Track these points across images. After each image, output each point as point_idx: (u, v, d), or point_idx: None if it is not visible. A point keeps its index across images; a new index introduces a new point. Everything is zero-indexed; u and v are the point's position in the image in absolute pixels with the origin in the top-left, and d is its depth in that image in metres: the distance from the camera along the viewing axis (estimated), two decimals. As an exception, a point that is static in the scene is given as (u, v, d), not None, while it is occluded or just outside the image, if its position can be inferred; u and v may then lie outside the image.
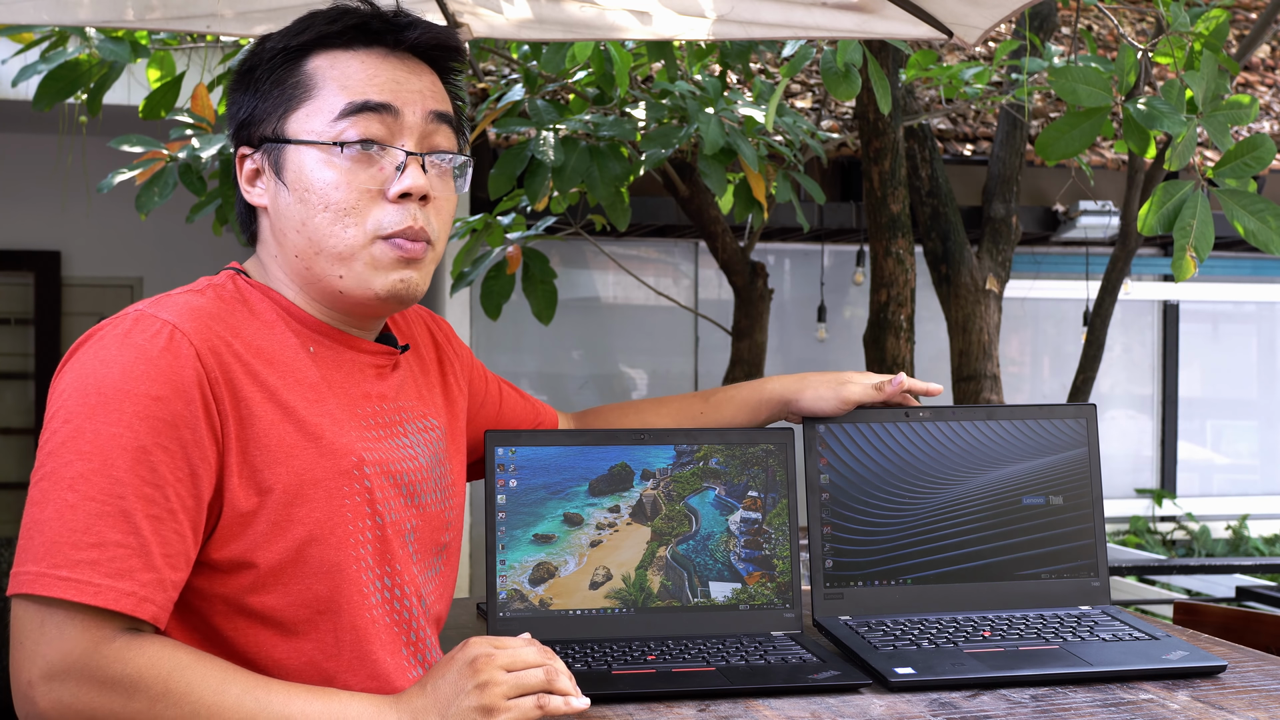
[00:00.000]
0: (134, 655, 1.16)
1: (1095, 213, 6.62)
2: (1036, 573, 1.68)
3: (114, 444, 1.19)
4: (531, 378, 6.88)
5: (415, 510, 1.41)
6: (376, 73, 1.35)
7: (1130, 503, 7.67)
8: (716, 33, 2.41)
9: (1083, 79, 2.46)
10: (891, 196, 4.14)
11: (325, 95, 1.34)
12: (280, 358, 1.33)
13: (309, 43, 1.36)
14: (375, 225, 1.34)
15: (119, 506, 1.18)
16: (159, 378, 1.22)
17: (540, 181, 3.23)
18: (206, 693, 1.17)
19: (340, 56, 1.36)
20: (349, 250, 1.34)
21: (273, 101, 1.36)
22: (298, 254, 1.36)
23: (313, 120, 1.34)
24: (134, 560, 1.18)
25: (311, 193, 1.33)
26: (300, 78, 1.35)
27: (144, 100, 3.42)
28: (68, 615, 1.16)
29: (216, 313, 1.30)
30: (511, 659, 1.21)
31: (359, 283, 1.35)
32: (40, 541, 1.18)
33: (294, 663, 1.30)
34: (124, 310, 1.30)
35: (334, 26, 1.36)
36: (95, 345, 1.26)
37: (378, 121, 1.34)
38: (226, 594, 1.28)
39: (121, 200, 5.71)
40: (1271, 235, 2.27)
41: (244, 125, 1.38)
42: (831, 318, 7.06)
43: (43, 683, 1.16)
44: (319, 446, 1.30)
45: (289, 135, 1.34)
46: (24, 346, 7.12)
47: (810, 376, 1.72)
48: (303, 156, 1.33)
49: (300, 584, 1.29)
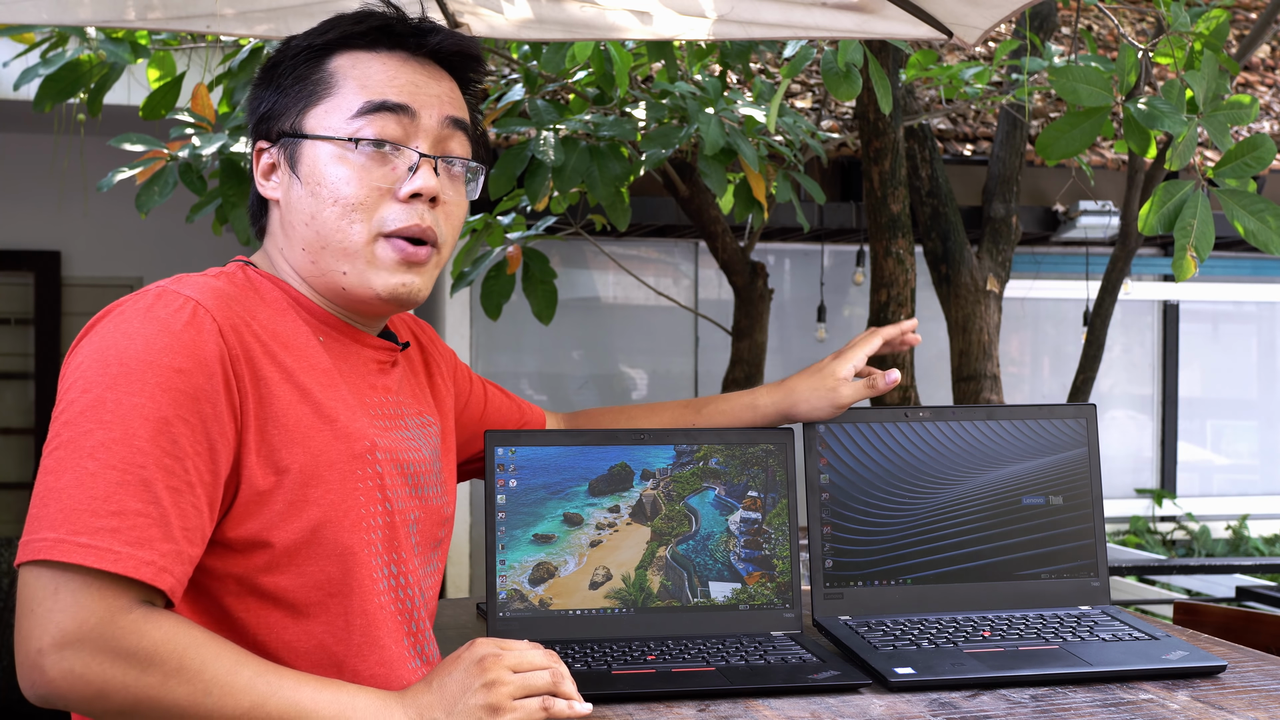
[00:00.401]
0: (150, 628, 1.15)
1: (1095, 213, 6.62)
2: (1036, 573, 1.68)
3: (136, 413, 1.19)
4: (531, 378, 6.88)
5: (419, 501, 1.42)
6: (396, 74, 1.38)
7: (1130, 503, 7.67)
8: (716, 33, 2.41)
9: (1083, 79, 2.46)
10: (891, 196, 4.14)
11: (344, 93, 1.36)
12: (294, 342, 1.34)
13: (333, 42, 1.39)
14: (380, 222, 1.35)
15: (140, 476, 1.18)
16: (182, 351, 1.22)
17: (540, 181, 3.23)
18: (220, 672, 1.16)
19: (362, 57, 1.38)
20: (353, 246, 1.35)
21: (293, 97, 1.38)
22: (304, 247, 1.37)
23: (331, 117, 1.36)
24: (154, 530, 1.17)
25: (323, 186, 1.35)
26: (322, 75, 1.38)
27: (144, 100, 3.42)
28: (84, 582, 1.15)
29: (234, 294, 1.32)
30: (518, 660, 1.22)
31: (361, 280, 1.37)
32: (57, 509, 1.16)
33: (304, 645, 1.30)
34: (144, 288, 1.31)
35: (359, 27, 1.39)
36: (117, 319, 1.26)
37: (394, 122, 1.36)
38: (239, 573, 1.28)
39: (121, 200, 5.72)
40: (1271, 235, 2.27)
41: (264, 120, 1.41)
42: (831, 318, 7.06)
43: (54, 650, 1.14)
44: (334, 429, 1.32)
45: (306, 130, 1.36)
46: (24, 346, 7.12)
47: (798, 386, 1.68)
48: (318, 151, 1.35)
49: (313, 565, 1.29)
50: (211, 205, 3.39)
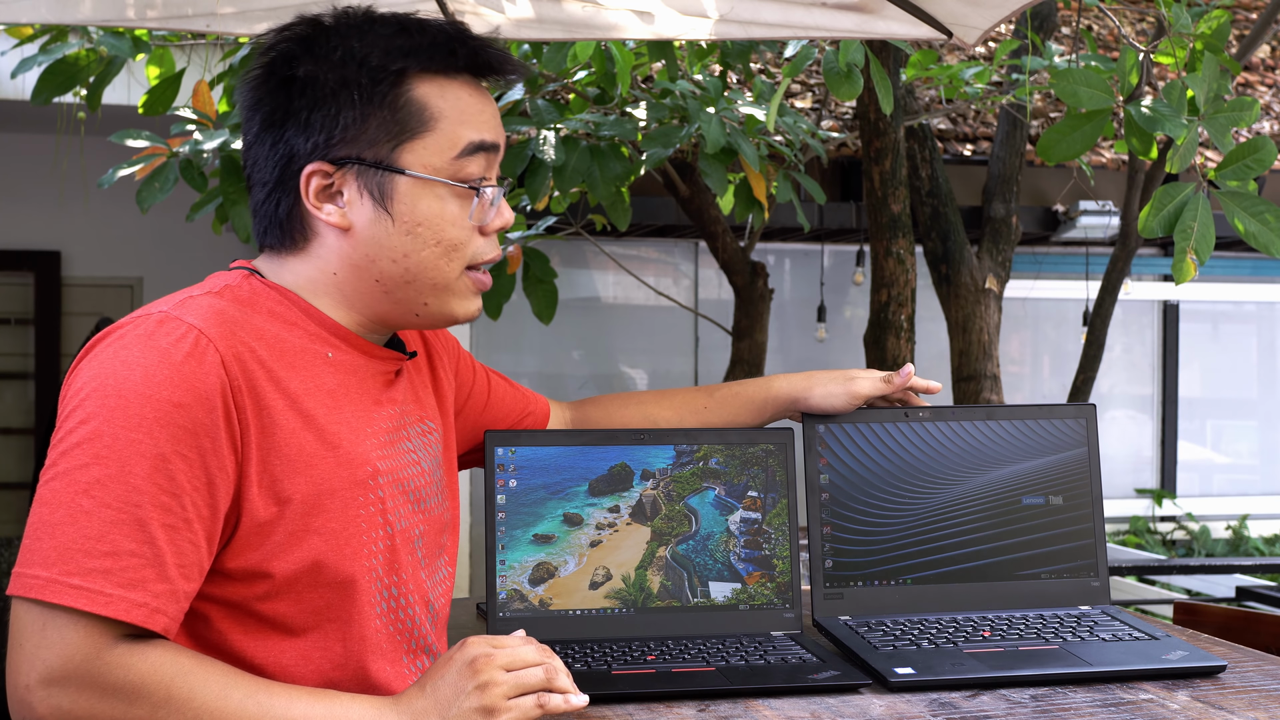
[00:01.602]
0: (136, 661, 1.15)
1: (1095, 213, 6.62)
2: (1036, 573, 1.68)
3: (132, 450, 1.17)
4: (532, 377, 6.88)
5: (422, 515, 1.40)
6: (483, 107, 1.36)
7: (1130, 503, 7.67)
8: (717, 33, 2.41)
9: (1084, 82, 2.46)
10: (892, 196, 4.14)
11: (444, 130, 1.32)
12: (300, 360, 1.31)
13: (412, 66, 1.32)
14: (473, 257, 1.36)
15: (135, 515, 1.17)
16: (182, 384, 1.20)
17: (541, 181, 3.23)
18: (209, 698, 1.16)
19: (447, 86, 1.33)
20: (445, 282, 1.35)
21: (378, 127, 1.30)
22: (380, 279, 1.34)
23: (433, 155, 1.31)
24: (147, 570, 1.16)
25: (425, 227, 1.32)
26: (412, 106, 1.31)
27: (144, 96, 3.42)
28: (71, 620, 1.14)
29: (238, 317, 1.28)
30: (511, 658, 1.21)
31: (441, 309, 1.37)
32: (51, 545, 1.15)
33: (297, 667, 1.29)
34: (145, 309, 1.27)
35: (455, 60, 1.33)
36: (117, 345, 1.23)
37: (485, 158, 1.35)
38: (236, 600, 1.26)
39: (121, 200, 5.71)
40: (1271, 237, 2.27)
41: (329, 143, 1.31)
42: (831, 318, 7.06)
43: (41, 688, 1.14)
44: (337, 456, 1.29)
45: (404, 166, 1.31)
46: (24, 346, 7.12)
47: (817, 375, 1.71)
48: (419, 190, 1.31)
49: (313, 593, 1.28)
50: (212, 204, 3.39)
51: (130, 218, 6.10)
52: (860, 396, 1.67)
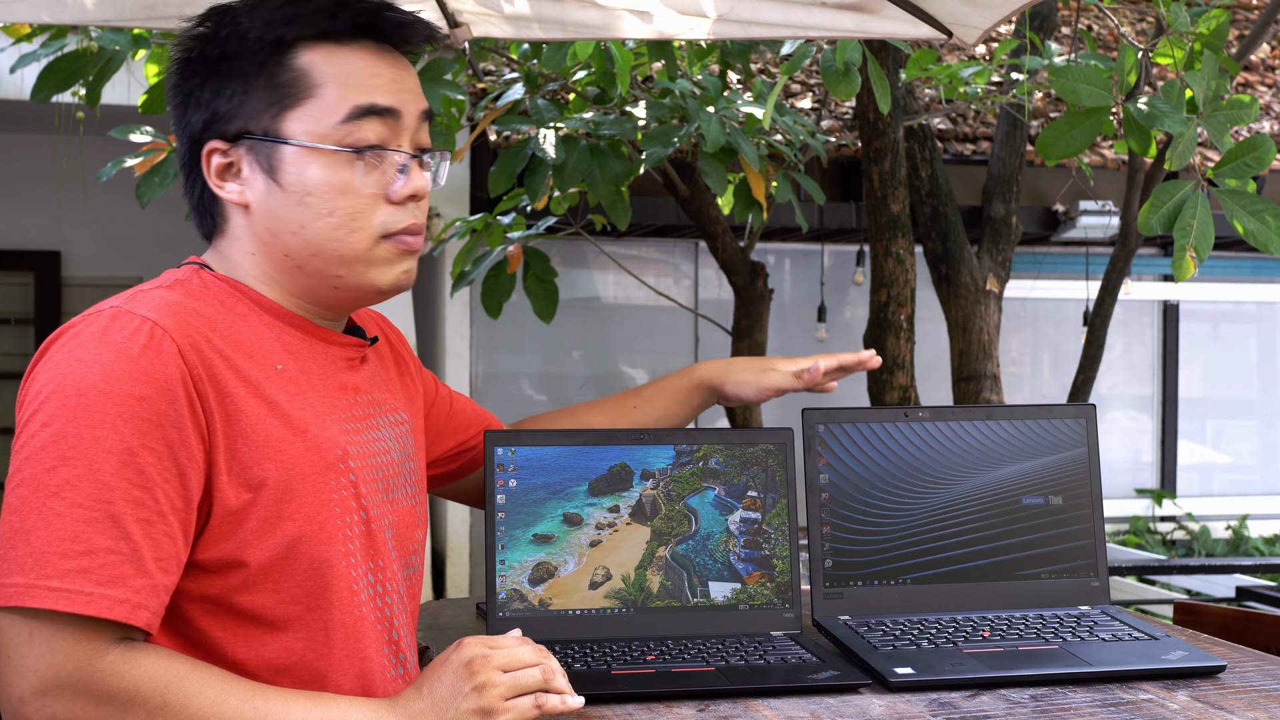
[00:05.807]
0: (130, 668, 1.14)
1: (1095, 213, 6.63)
2: (1036, 573, 1.68)
3: (99, 447, 1.16)
4: (532, 378, 6.89)
5: (390, 505, 1.39)
6: (377, 71, 1.32)
7: (1130, 503, 7.67)
8: (716, 32, 2.41)
9: (1083, 79, 2.46)
10: (891, 196, 4.14)
11: (327, 95, 1.29)
12: (258, 350, 1.29)
13: (300, 34, 1.30)
14: (380, 227, 1.32)
15: (107, 512, 1.15)
16: (142, 376, 1.19)
17: (540, 180, 3.22)
18: (205, 704, 1.15)
19: (336, 52, 1.31)
20: (353, 254, 1.32)
21: (260, 96, 1.30)
22: (288, 254, 1.32)
23: (315, 121, 1.29)
24: (126, 566, 1.15)
25: (314, 197, 1.30)
26: (294, 74, 1.30)
27: (144, 94, 3.41)
28: (58, 627, 1.13)
29: (192, 307, 1.26)
30: (508, 659, 1.20)
31: (359, 281, 1.34)
32: (25, 552, 1.14)
33: (284, 661, 1.27)
34: (96, 306, 1.26)
35: (336, 24, 1.31)
36: (71, 344, 1.22)
37: (381, 124, 1.31)
38: (213, 594, 1.25)
39: (121, 200, 5.72)
40: (1270, 235, 2.27)
41: (219, 118, 1.31)
42: (831, 318, 7.06)
43: (35, 698, 1.13)
44: (305, 440, 1.28)
45: (286, 135, 1.29)
46: (24, 346, 7.12)
47: (737, 362, 1.74)
48: (305, 159, 1.29)
49: (290, 581, 1.27)
50: (211, 204, 3.38)
51: (130, 217, 6.10)
52: (770, 389, 1.70)
